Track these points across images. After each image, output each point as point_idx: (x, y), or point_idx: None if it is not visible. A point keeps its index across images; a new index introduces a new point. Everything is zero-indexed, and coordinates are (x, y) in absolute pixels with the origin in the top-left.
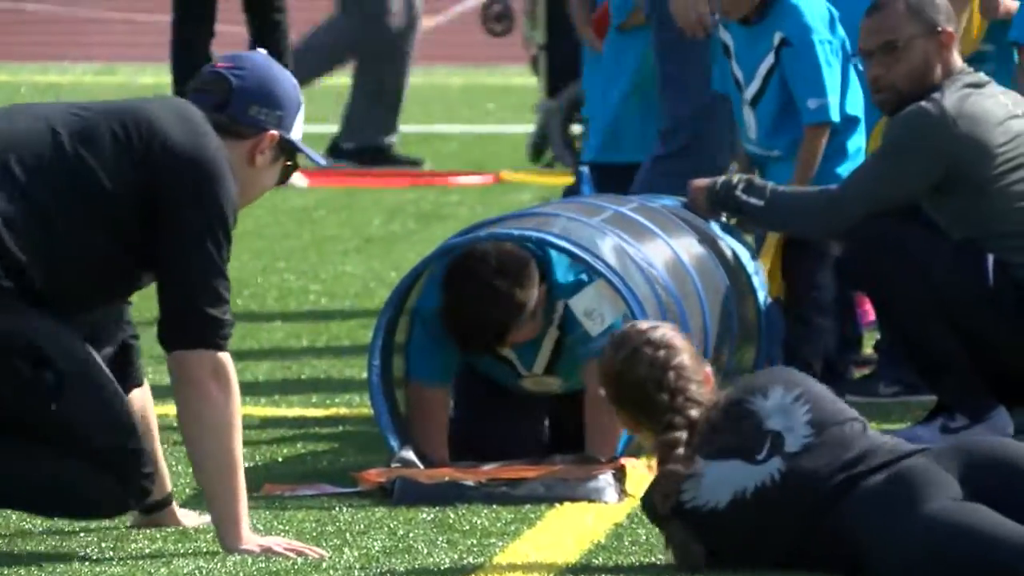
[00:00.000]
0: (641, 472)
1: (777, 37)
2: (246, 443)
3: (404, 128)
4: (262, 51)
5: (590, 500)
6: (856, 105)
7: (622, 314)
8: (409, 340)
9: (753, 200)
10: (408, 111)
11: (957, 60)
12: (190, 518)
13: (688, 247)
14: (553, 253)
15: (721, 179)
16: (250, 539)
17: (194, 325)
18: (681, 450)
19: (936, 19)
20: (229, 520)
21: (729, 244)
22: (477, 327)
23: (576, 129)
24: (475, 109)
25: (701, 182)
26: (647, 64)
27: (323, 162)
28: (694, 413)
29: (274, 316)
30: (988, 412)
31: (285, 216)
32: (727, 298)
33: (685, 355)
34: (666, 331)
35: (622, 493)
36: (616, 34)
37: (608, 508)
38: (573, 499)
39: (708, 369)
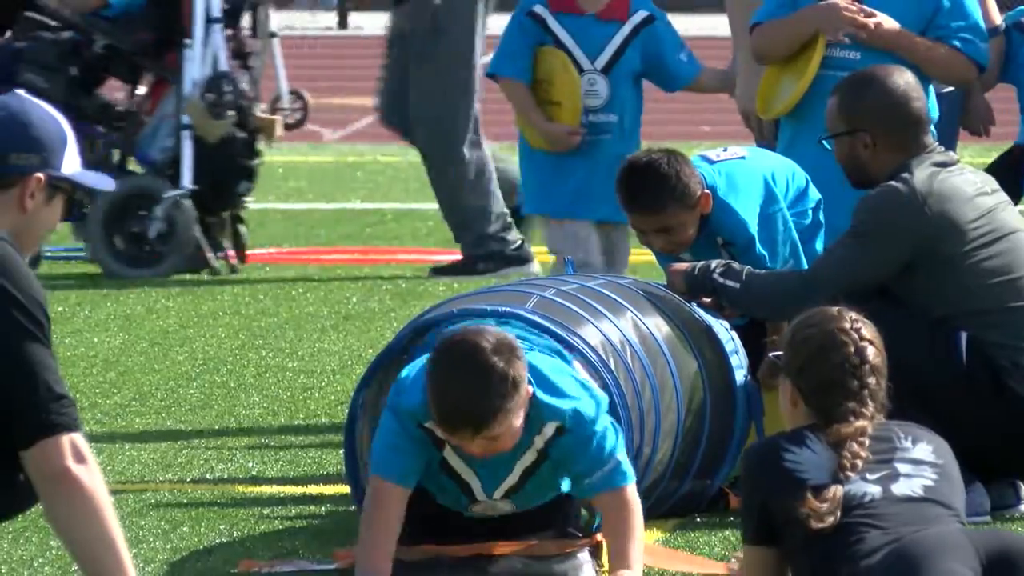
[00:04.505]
0: None
1: (719, 240)
2: (225, 520)
3: (382, 205)
4: (19, 92)
5: None
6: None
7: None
8: (381, 432)
9: (730, 283)
10: (386, 189)
11: (927, 138)
12: None
13: (658, 325)
14: (535, 365)
15: (699, 263)
16: None
17: (44, 413)
18: (866, 440)
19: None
20: None
21: (705, 320)
22: (472, 407)
23: None
24: None
25: (680, 266)
26: None
27: (109, 186)
28: (871, 411)
29: (252, 393)
30: (965, 488)
31: (262, 294)
32: (699, 378)
33: (881, 359)
34: (872, 330)
35: (598, 570)
36: None
37: None
38: None
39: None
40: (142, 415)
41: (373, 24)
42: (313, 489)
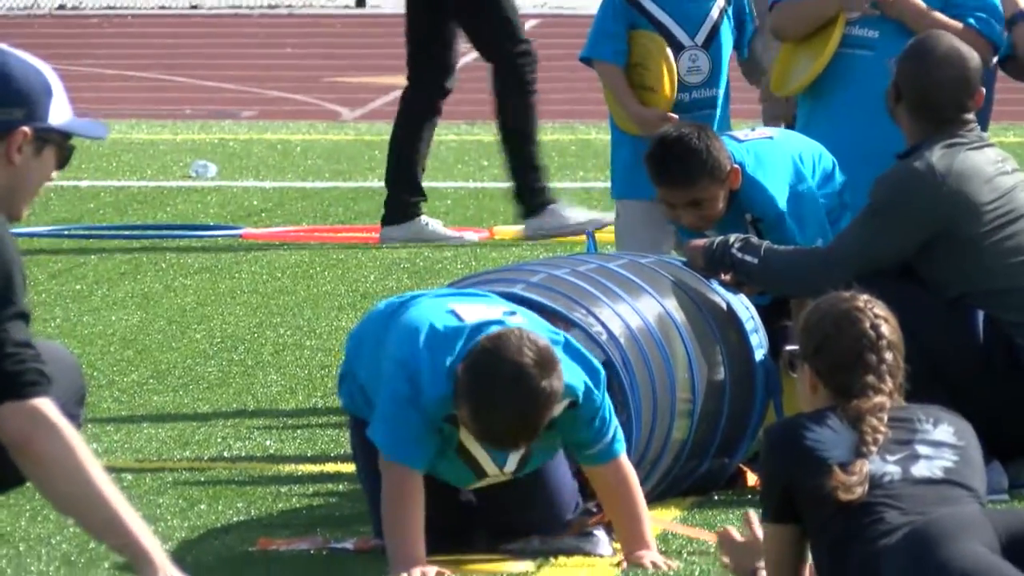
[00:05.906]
0: None
1: (748, 216)
2: (242, 498)
3: None
4: (1, 46)
5: (584, 553)
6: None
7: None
8: (399, 423)
9: (748, 258)
10: None
11: (953, 128)
12: None
13: (676, 305)
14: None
15: (718, 238)
16: (168, 565)
17: (3, 381)
18: (885, 416)
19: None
20: (138, 547)
21: (724, 298)
22: (522, 429)
23: None
24: (469, 165)
25: (698, 242)
26: None
27: (102, 133)
28: (890, 387)
29: (270, 371)
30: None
31: (280, 272)
32: (719, 357)
33: (897, 336)
34: (886, 309)
35: (613, 543)
36: None
37: (603, 562)
38: (568, 552)
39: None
40: (160, 393)
41: (391, 3)
42: (331, 467)
